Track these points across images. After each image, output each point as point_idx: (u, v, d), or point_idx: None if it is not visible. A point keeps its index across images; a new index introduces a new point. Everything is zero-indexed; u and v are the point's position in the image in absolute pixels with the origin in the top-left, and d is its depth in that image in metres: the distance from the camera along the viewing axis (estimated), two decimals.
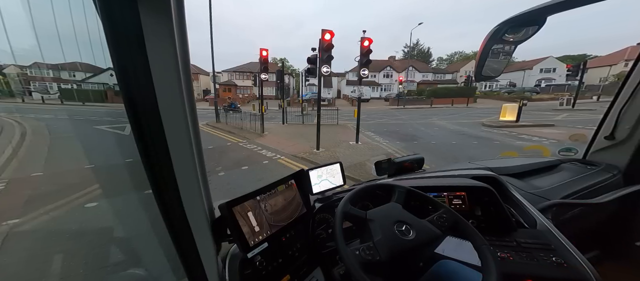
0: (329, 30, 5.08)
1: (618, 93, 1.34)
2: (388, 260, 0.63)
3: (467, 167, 1.42)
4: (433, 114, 15.16)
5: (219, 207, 0.77)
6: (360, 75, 6.00)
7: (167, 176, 0.55)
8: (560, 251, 0.85)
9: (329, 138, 7.45)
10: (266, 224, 0.83)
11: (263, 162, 5.28)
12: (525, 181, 1.31)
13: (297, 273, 0.93)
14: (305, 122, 11.13)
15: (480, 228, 0.97)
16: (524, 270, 0.81)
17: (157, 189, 0.56)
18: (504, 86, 31.72)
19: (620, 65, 25.32)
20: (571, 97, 14.64)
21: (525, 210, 1.03)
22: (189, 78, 0.56)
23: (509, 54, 0.96)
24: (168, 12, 0.45)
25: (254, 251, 0.79)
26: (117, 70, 0.44)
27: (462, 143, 7.02)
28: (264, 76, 8.15)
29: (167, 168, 0.54)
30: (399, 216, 0.72)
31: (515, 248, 0.88)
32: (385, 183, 0.91)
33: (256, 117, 8.90)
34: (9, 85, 2.26)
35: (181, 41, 0.50)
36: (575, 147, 1.67)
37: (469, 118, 12.77)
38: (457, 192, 1.08)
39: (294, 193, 0.97)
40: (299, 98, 22.08)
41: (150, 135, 0.51)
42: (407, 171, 1.38)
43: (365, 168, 4.53)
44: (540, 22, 0.82)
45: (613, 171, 1.36)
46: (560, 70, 29.94)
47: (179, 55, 0.50)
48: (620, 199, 1.19)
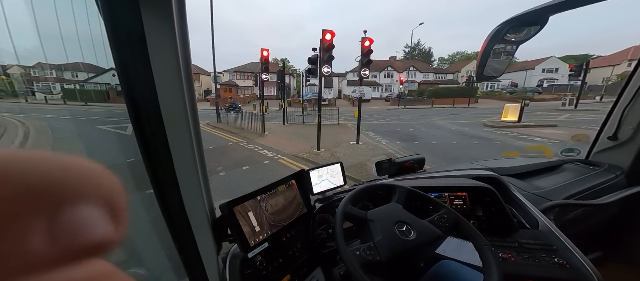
0: (330, 31, 5.07)
1: (621, 93, 1.33)
2: (389, 261, 0.63)
3: (469, 167, 1.41)
4: (434, 114, 15.12)
5: (219, 207, 0.77)
6: (361, 75, 5.99)
7: (169, 176, 0.55)
8: (562, 252, 0.84)
9: (330, 138, 7.45)
10: (267, 224, 0.84)
11: (264, 162, 5.28)
12: (528, 182, 1.31)
13: (298, 273, 0.93)
14: (306, 123, 11.13)
15: (481, 228, 0.97)
16: (525, 271, 0.81)
17: (158, 189, 0.56)
18: (506, 86, 31.57)
19: (623, 66, 25.14)
20: (574, 97, 14.52)
21: (527, 210, 1.02)
22: (191, 78, 0.56)
23: (511, 54, 0.95)
24: (170, 13, 0.46)
25: (254, 252, 0.79)
26: (119, 70, 0.44)
27: (463, 143, 6.99)
28: (265, 76, 8.17)
29: (169, 168, 0.55)
30: (399, 217, 0.72)
31: (517, 249, 0.88)
32: (386, 183, 0.91)
33: (257, 117, 8.91)
34: (12, 86, 2.27)
35: (183, 42, 0.51)
36: (578, 147, 1.65)
37: (471, 118, 12.72)
38: (459, 193, 1.08)
39: (294, 194, 0.97)
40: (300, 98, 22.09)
41: (151, 135, 0.51)
42: (408, 171, 1.37)
43: (366, 169, 4.52)
44: (543, 22, 0.81)
45: (616, 172, 1.34)
46: (562, 71, 29.78)
47: (181, 56, 0.50)
48: (623, 200, 1.18)
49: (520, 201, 1.07)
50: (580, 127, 8.47)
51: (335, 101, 25.51)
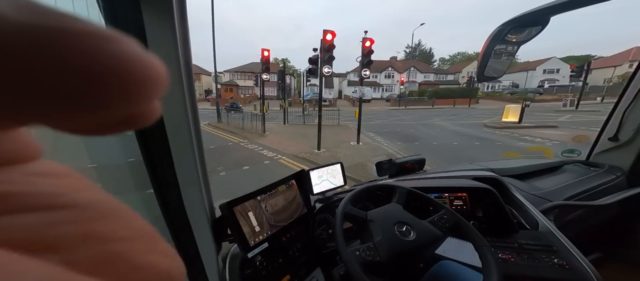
0: (331, 31, 5.07)
1: (622, 94, 1.32)
2: (388, 261, 0.63)
3: (469, 167, 1.41)
4: (435, 115, 15.11)
5: (219, 206, 0.77)
6: (362, 75, 5.99)
7: (169, 175, 0.56)
8: (562, 252, 0.84)
9: (330, 138, 7.45)
10: (267, 224, 0.84)
11: (264, 162, 5.29)
12: (528, 182, 1.31)
13: (297, 273, 0.93)
14: (307, 123, 11.13)
15: (481, 229, 0.97)
16: (525, 272, 0.81)
17: (158, 188, 0.56)
18: (506, 87, 31.54)
19: (624, 66, 25.10)
20: (575, 98, 14.49)
21: (527, 211, 1.02)
22: (191, 78, 0.56)
23: (512, 54, 0.95)
24: (170, 13, 0.46)
25: (254, 251, 0.79)
26: None
27: (463, 144, 6.98)
28: (265, 76, 8.17)
29: (169, 168, 0.55)
30: (399, 217, 0.72)
31: (516, 249, 0.88)
32: (386, 183, 0.91)
33: (258, 117, 8.92)
34: None
35: (183, 42, 0.51)
36: (578, 148, 1.65)
37: (471, 119, 12.70)
38: (459, 193, 1.08)
39: (294, 194, 0.97)
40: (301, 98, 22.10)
41: (152, 135, 0.51)
42: (408, 172, 1.37)
43: (366, 169, 4.52)
44: (544, 22, 0.81)
45: (617, 172, 1.34)
46: (563, 71, 29.73)
47: (181, 56, 0.50)
48: (623, 201, 1.18)
49: (520, 201, 1.07)
50: (581, 128, 8.46)
51: (336, 101, 25.50)
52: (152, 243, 0.11)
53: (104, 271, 0.09)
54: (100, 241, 0.09)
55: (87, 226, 0.09)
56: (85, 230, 0.09)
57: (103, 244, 0.09)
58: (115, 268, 0.09)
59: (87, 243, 0.09)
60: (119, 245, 0.09)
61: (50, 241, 0.08)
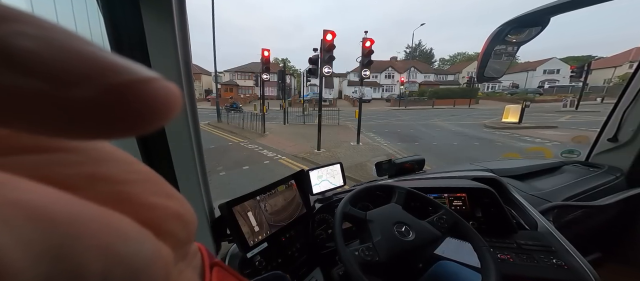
0: (331, 31, 5.07)
1: (622, 94, 1.32)
2: (387, 261, 0.63)
3: (468, 168, 1.41)
4: (435, 115, 15.11)
5: (219, 206, 0.77)
6: (362, 75, 5.99)
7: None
8: (561, 253, 0.84)
9: (330, 138, 7.45)
10: (266, 224, 0.84)
11: (264, 162, 5.29)
12: (527, 183, 1.31)
13: (297, 273, 0.93)
14: (307, 123, 11.13)
15: (480, 229, 0.97)
16: (524, 272, 0.81)
17: None
18: (506, 87, 31.54)
19: (624, 67, 25.10)
20: (575, 98, 14.50)
21: (526, 211, 1.02)
22: (191, 78, 0.56)
23: (512, 55, 0.95)
24: (170, 13, 0.46)
25: (253, 251, 0.79)
26: None
27: (463, 144, 6.99)
28: (265, 76, 8.17)
29: (168, 168, 0.55)
30: (398, 217, 0.72)
31: (515, 249, 0.88)
32: (385, 183, 0.91)
33: (257, 117, 8.92)
34: None
35: (183, 42, 0.51)
36: (578, 149, 1.65)
37: (471, 119, 12.71)
38: (458, 193, 1.08)
39: (294, 194, 0.97)
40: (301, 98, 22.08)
41: (150, 135, 0.51)
42: (407, 172, 1.37)
43: (366, 169, 4.52)
44: (544, 23, 0.81)
45: (616, 173, 1.34)
46: (564, 72, 29.73)
47: (181, 56, 0.50)
48: (622, 201, 1.18)
49: (519, 202, 1.07)
50: (580, 129, 8.46)
51: (336, 101, 25.50)
52: (158, 185, 0.11)
53: (115, 209, 0.09)
54: (106, 182, 0.09)
55: (91, 167, 0.09)
56: (91, 171, 0.09)
57: (110, 185, 0.09)
58: (124, 207, 0.09)
59: (95, 184, 0.09)
60: (125, 186, 0.10)
61: (60, 180, 0.08)
